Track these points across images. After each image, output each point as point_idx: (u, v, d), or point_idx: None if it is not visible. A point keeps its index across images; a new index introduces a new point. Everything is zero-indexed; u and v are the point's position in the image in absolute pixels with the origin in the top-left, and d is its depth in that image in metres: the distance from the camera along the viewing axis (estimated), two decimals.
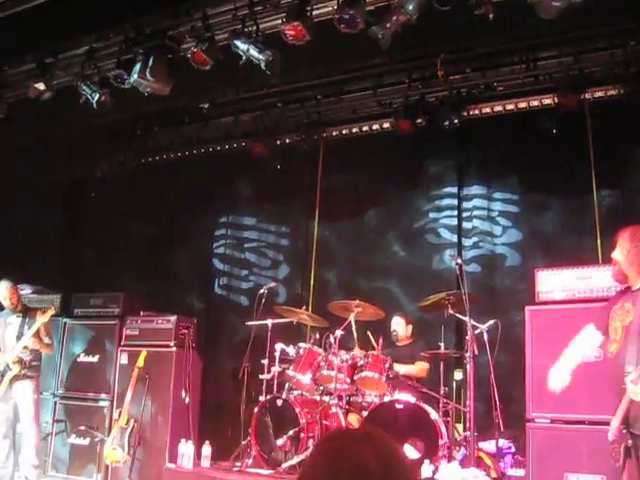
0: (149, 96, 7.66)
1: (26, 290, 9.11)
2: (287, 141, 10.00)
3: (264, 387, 7.67)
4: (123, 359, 8.57)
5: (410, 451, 6.45)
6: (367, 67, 8.81)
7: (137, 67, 7.41)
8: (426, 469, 6.24)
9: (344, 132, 9.77)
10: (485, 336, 6.88)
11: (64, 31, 7.99)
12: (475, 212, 9.14)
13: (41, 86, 8.40)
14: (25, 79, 8.64)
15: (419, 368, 7.57)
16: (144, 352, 8.16)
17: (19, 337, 7.54)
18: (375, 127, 9.56)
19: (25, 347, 7.53)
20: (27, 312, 7.81)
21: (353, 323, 7.38)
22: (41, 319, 7.55)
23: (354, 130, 9.71)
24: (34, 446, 7.60)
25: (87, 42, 8.10)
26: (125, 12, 7.64)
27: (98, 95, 7.95)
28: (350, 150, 9.66)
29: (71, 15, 7.60)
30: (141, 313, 8.80)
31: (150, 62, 7.34)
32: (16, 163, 10.21)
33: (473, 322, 6.69)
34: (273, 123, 9.93)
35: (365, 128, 9.62)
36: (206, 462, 7.57)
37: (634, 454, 4.18)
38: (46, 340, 7.73)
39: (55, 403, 8.88)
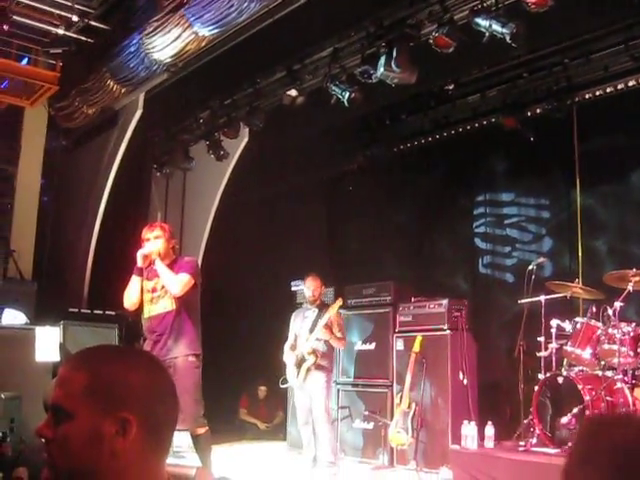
0: (396, 86, 7.77)
1: (301, 285, 9.58)
2: (538, 111, 9.69)
3: (542, 365, 7.51)
4: (399, 345, 8.78)
5: None
6: (614, 22, 8.36)
7: (382, 60, 7.55)
8: None
9: (597, 94, 9.28)
10: None
11: (307, 36, 8.33)
12: None
13: (293, 92, 8.84)
14: (278, 88, 9.12)
15: None
16: (419, 337, 8.31)
17: (312, 330, 7.88)
18: (631, 83, 9.00)
19: (317, 339, 7.82)
20: (323, 307, 8.07)
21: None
22: (331, 311, 7.80)
23: (608, 90, 9.19)
24: (328, 443, 7.83)
25: (330, 44, 8.38)
26: (362, 8, 7.82)
27: (348, 93, 8.19)
28: (605, 111, 9.17)
29: (312, 20, 7.91)
30: (412, 299, 8.96)
31: (394, 53, 7.46)
32: (278, 167, 10.82)
33: None
34: (521, 95, 9.69)
35: (620, 86, 9.08)
36: (490, 442, 7.56)
37: None
38: (338, 334, 7.91)
39: (338, 391, 9.30)
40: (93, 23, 9.54)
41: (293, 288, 10.23)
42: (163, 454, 1.80)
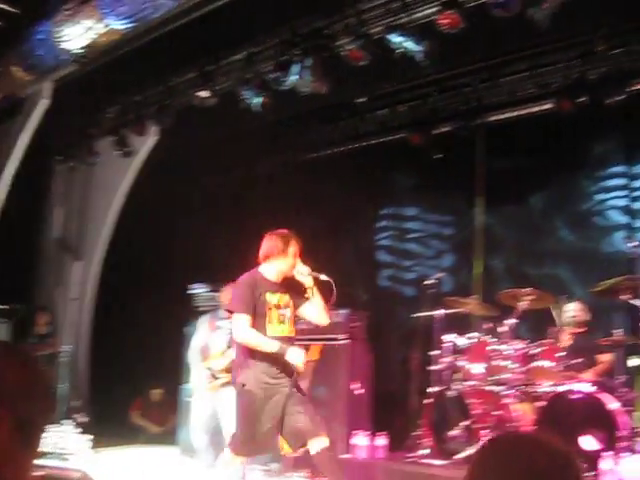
0: (307, 95, 7.82)
1: (201, 288, 9.48)
2: (445, 129, 9.92)
3: (434, 378, 7.66)
4: None
5: (590, 443, 6.27)
6: (523, 49, 8.64)
7: (295, 68, 7.59)
8: (606, 462, 6.05)
9: (503, 116, 9.58)
10: None
11: (223, 39, 8.30)
12: None
13: (204, 93, 8.77)
14: (189, 87, 9.03)
15: (604, 365, 7.32)
16: (317, 346, 8.34)
17: (229, 345, 7.65)
18: (535, 109, 9.32)
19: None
20: None
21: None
22: None
23: (513, 114, 9.51)
24: None
25: (245, 48, 8.38)
26: (280, 16, 7.84)
27: (259, 98, 8.20)
28: (510, 134, 9.46)
29: (228, 23, 7.88)
30: None
31: (307, 62, 7.51)
32: (187, 167, 10.71)
33: None
34: (430, 112, 9.88)
35: (525, 111, 9.40)
36: (381, 453, 7.65)
37: None
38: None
39: None
40: (1, 5, 9.26)
41: (193, 291, 10.11)
42: (32, 453, 1.75)
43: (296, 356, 5.42)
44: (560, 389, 6.69)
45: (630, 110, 8.63)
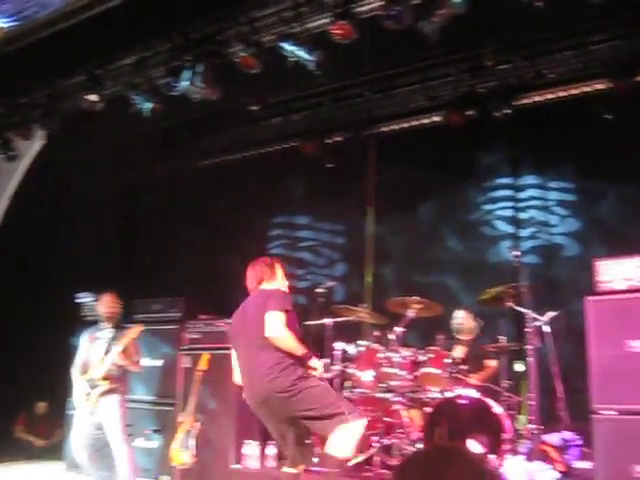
0: (199, 101, 7.74)
1: (88, 298, 9.24)
2: (338, 139, 10.00)
3: None
4: (186, 362, 8.67)
5: (474, 446, 6.41)
6: (415, 61, 8.79)
7: (186, 74, 7.50)
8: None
9: (394, 127, 9.73)
10: (546, 328, 6.80)
11: (113, 42, 8.12)
12: (531, 202, 9.03)
13: (93, 97, 8.55)
14: (78, 91, 8.79)
15: (489, 371, 7.51)
16: (206, 355, 8.23)
17: (107, 351, 7.41)
18: (425, 121, 9.51)
19: (113, 364, 7.41)
20: (118, 328, 7.64)
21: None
22: (129, 335, 7.43)
23: (404, 125, 9.67)
24: (127, 465, 7.43)
25: (136, 52, 8.22)
26: (172, 20, 7.73)
27: (149, 103, 8.06)
28: (401, 145, 9.62)
29: (119, 26, 7.72)
30: (201, 317, 8.88)
31: (198, 68, 7.43)
32: (72, 174, 10.42)
33: (533, 314, 6.62)
34: (323, 122, 9.93)
35: (415, 122, 9.58)
36: (271, 462, 7.61)
37: None
38: (135, 358, 7.54)
39: None
40: None
41: (78, 300, 9.84)
42: None
43: (318, 363, 5.59)
44: (447, 395, 6.82)
45: (516, 124, 8.91)
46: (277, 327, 5.38)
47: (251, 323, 5.69)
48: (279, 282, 5.95)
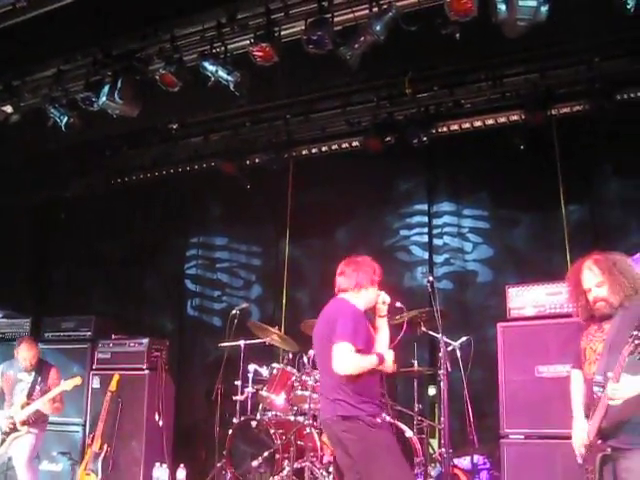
0: (118, 117, 7.64)
1: None
2: (257, 161, 9.99)
3: (238, 408, 7.61)
4: (95, 383, 8.51)
5: None
6: (335, 86, 8.86)
7: (105, 89, 7.39)
8: None
9: (313, 151, 9.78)
10: (458, 353, 6.90)
11: (31, 53, 7.94)
12: (445, 229, 9.19)
13: (8, 109, 8.35)
14: None
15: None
16: (116, 376, 8.10)
17: (30, 395, 7.25)
18: (344, 146, 9.59)
19: (37, 410, 7.18)
20: (40, 368, 7.48)
21: None
22: (63, 387, 7.21)
23: (323, 149, 9.72)
24: None
25: (55, 64, 8.07)
26: (93, 34, 7.62)
27: (67, 117, 7.91)
28: (320, 169, 9.67)
29: (38, 37, 7.56)
30: (113, 336, 8.73)
31: (118, 84, 7.33)
32: None
33: (446, 339, 6.69)
34: (242, 143, 9.92)
35: (334, 147, 9.64)
36: None
37: (611, 469, 4.07)
38: (57, 404, 7.36)
39: None
40: None
41: None
42: None
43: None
44: None
45: (433, 151, 9.09)
46: (343, 363, 4.77)
47: (320, 342, 5.24)
48: (375, 290, 5.30)
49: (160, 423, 8.09)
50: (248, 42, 6.86)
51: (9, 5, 6.96)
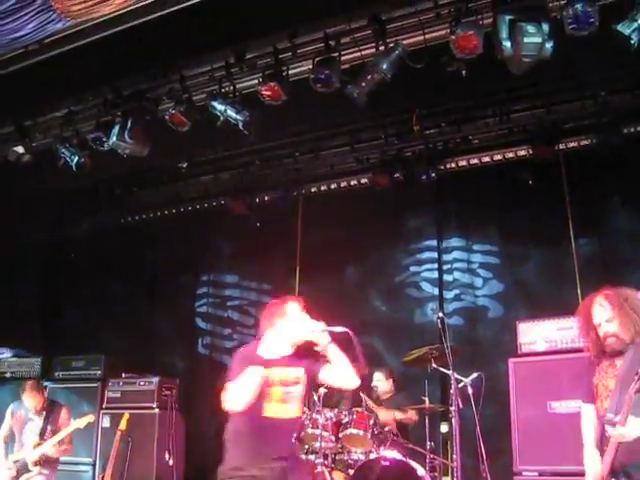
0: (128, 156, 7.70)
1: (6, 354, 8.99)
2: (266, 199, 10.06)
3: None
4: (105, 422, 8.47)
5: None
6: (343, 124, 8.93)
7: (115, 129, 7.47)
8: None
9: (322, 188, 9.84)
10: (469, 389, 6.84)
11: (43, 94, 8.04)
12: (455, 264, 9.18)
13: (20, 149, 8.43)
14: (4, 142, 8.66)
15: (408, 416, 7.49)
16: (126, 415, 8.07)
17: (42, 435, 7.18)
18: (353, 183, 9.65)
19: (46, 452, 7.11)
20: (51, 408, 7.42)
21: None
22: (75, 425, 7.18)
23: (332, 186, 9.79)
24: None
25: (66, 105, 8.16)
26: (103, 75, 7.70)
27: (77, 157, 7.98)
28: (329, 206, 9.70)
29: (50, 78, 7.65)
30: (123, 375, 8.71)
31: (128, 124, 7.41)
32: None
33: (457, 375, 6.64)
34: (252, 181, 9.98)
35: (343, 184, 9.71)
36: None
37: None
38: (64, 447, 7.29)
39: None
40: None
41: None
42: None
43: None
44: (371, 456, 6.78)
45: (442, 187, 9.11)
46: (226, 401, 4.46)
47: None
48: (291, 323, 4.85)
49: (170, 462, 8.03)
50: (256, 81, 6.93)
51: (21, 48, 7.07)
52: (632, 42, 5.52)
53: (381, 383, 7.91)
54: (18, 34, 6.59)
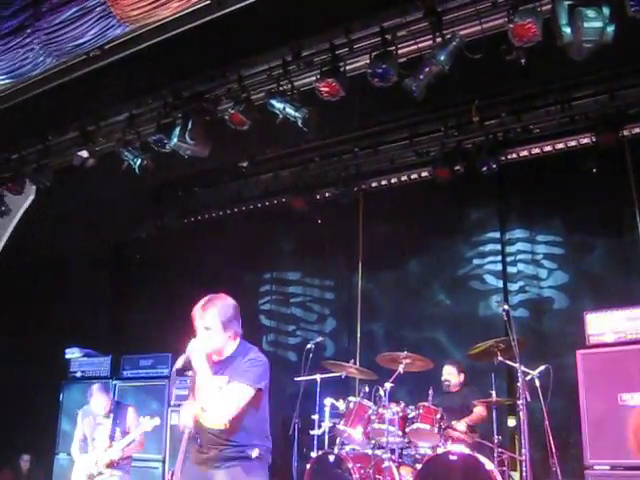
0: (189, 157, 7.79)
1: (76, 353, 9.17)
2: (327, 195, 10.09)
3: (315, 442, 7.57)
4: (174, 420, 8.57)
5: None
6: (402, 118, 8.90)
7: (176, 131, 7.56)
8: None
9: (383, 183, 9.83)
10: (537, 382, 6.75)
11: (105, 99, 8.19)
12: (519, 256, 9.07)
13: (84, 154, 8.60)
14: (69, 147, 8.84)
15: (477, 415, 7.43)
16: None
17: (111, 437, 7.23)
18: (413, 176, 9.61)
19: (119, 451, 7.13)
20: (118, 410, 7.48)
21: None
22: (142, 427, 7.20)
23: (393, 181, 9.76)
24: None
25: (127, 108, 8.29)
26: (163, 77, 7.82)
27: (140, 160, 8.11)
28: (389, 201, 9.69)
29: (111, 83, 7.80)
30: (190, 373, 8.81)
31: (189, 125, 7.50)
32: (64, 229, 10.41)
33: (524, 368, 6.57)
34: (312, 178, 10.01)
35: (404, 178, 9.67)
36: None
37: None
38: (136, 445, 7.31)
39: None
40: None
41: (68, 355, 9.77)
42: None
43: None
44: (438, 451, 6.74)
45: (503, 178, 9.00)
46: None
47: None
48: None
49: None
50: (314, 78, 6.93)
51: (83, 55, 7.21)
52: None
53: (452, 377, 7.85)
54: (80, 41, 6.72)
